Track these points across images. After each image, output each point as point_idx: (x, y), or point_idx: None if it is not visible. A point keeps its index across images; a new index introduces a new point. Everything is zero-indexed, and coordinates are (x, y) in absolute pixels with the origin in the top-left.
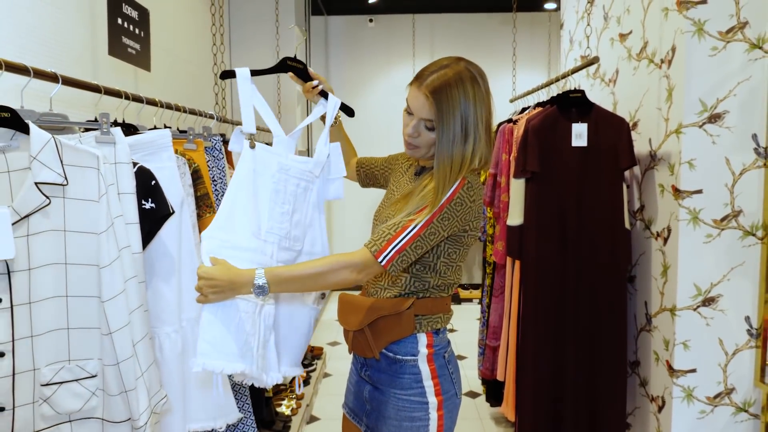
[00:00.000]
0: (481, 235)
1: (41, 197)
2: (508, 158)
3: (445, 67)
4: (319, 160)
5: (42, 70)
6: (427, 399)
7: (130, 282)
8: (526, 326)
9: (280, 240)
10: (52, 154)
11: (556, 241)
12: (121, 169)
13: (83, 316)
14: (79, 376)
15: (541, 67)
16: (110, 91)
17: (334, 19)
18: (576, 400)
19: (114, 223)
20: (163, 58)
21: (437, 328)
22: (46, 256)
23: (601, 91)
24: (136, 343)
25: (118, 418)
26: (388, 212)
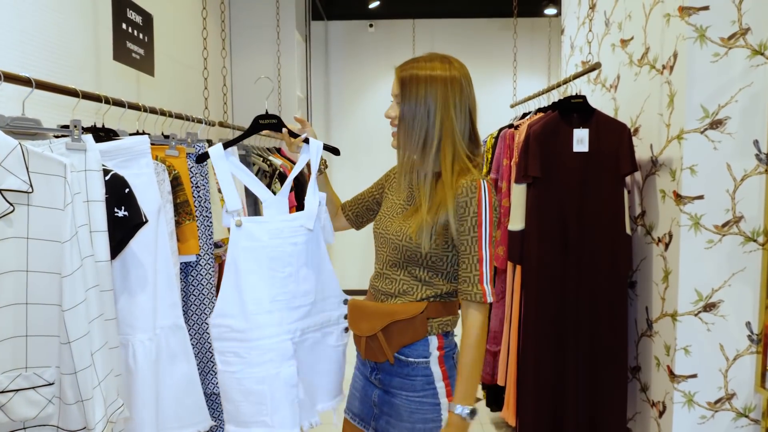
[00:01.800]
0: None
1: (5, 204)
2: (509, 163)
3: (426, 56)
4: (310, 213)
5: (14, 74)
6: (439, 400)
7: (91, 291)
8: (527, 331)
9: (287, 302)
10: (17, 161)
11: (557, 247)
12: (91, 177)
13: (43, 324)
14: (35, 384)
15: (541, 73)
16: (89, 95)
17: (335, 24)
18: (577, 405)
19: (78, 232)
20: (166, 63)
21: (447, 331)
22: (7, 263)
23: (602, 96)
24: (95, 352)
25: (73, 427)
26: (399, 224)
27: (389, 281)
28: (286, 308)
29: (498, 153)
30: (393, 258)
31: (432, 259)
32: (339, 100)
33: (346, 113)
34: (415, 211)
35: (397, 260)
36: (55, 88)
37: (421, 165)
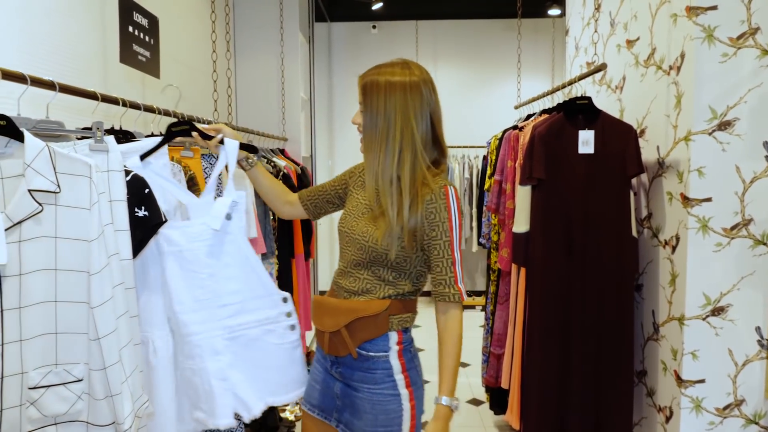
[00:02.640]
0: (485, 242)
1: (34, 204)
2: (513, 165)
3: (386, 65)
4: (215, 213)
5: (39, 78)
6: (399, 391)
7: (118, 288)
8: (531, 334)
9: (212, 301)
10: (45, 162)
11: (562, 249)
12: (113, 177)
13: (71, 321)
14: (65, 380)
15: (544, 74)
16: (108, 99)
17: (337, 26)
18: (582, 409)
19: (104, 230)
20: (171, 65)
21: (406, 327)
22: (37, 262)
23: (608, 97)
24: (122, 348)
25: (102, 422)
26: (365, 226)
27: (353, 279)
28: (212, 307)
29: (502, 155)
30: (358, 257)
31: (397, 260)
32: (342, 102)
33: (349, 114)
34: (381, 215)
35: (361, 260)
36: (77, 92)
37: (385, 171)
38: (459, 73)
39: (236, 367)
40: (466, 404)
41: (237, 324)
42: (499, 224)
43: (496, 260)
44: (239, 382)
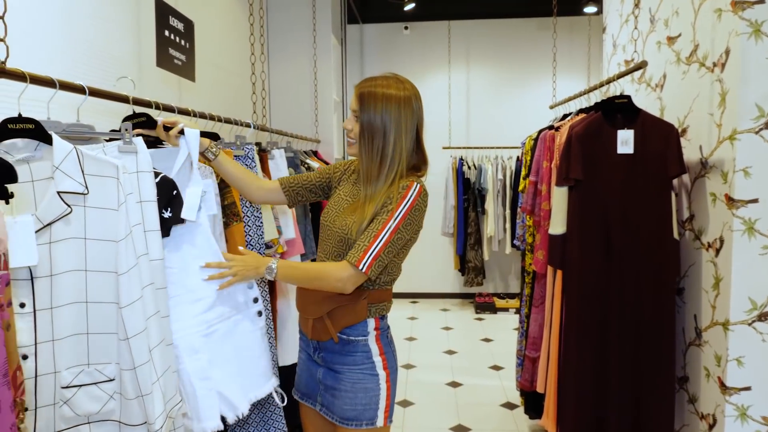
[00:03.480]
0: (520, 243)
1: (63, 206)
2: (549, 166)
3: (382, 78)
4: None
5: (68, 82)
6: (377, 372)
7: (147, 289)
8: (568, 338)
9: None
10: (73, 164)
11: (600, 251)
12: (143, 178)
13: (102, 322)
14: (97, 380)
15: (580, 73)
16: (140, 102)
17: (369, 27)
18: (621, 416)
19: (132, 231)
20: (206, 68)
21: (383, 314)
22: (67, 262)
23: (647, 96)
24: (152, 348)
25: (134, 422)
26: (343, 219)
27: None
28: (186, 302)
29: (537, 155)
30: (338, 249)
31: None
32: None
33: None
34: (358, 208)
35: (341, 251)
36: (108, 95)
37: (377, 177)
38: (492, 73)
39: (216, 364)
40: (500, 408)
41: (212, 318)
42: (534, 226)
43: (530, 262)
44: (221, 380)
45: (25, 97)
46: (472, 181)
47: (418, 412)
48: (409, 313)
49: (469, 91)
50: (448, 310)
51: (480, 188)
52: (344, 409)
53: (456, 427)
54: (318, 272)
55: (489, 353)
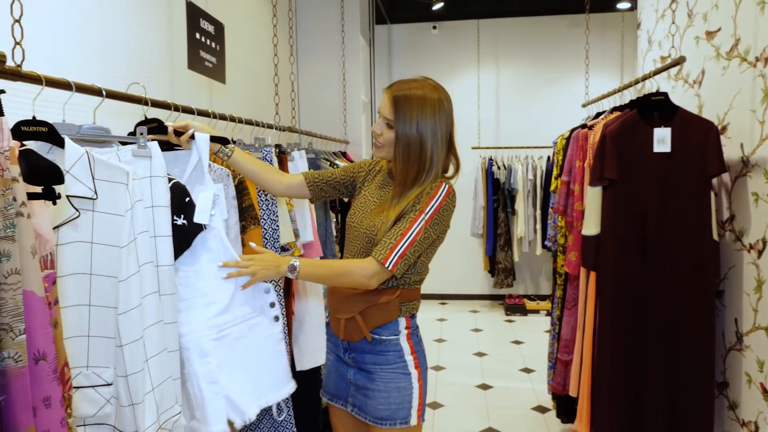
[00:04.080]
0: (551, 244)
1: (71, 209)
2: (582, 165)
3: (413, 82)
4: (202, 209)
5: (84, 84)
6: (410, 371)
7: (149, 297)
8: (602, 341)
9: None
10: (84, 168)
11: (635, 253)
12: (156, 183)
13: (103, 326)
14: (95, 383)
15: (612, 71)
16: (157, 103)
17: (398, 28)
18: (658, 421)
19: (137, 238)
20: (236, 70)
21: (413, 313)
22: (72, 265)
23: (685, 93)
24: (149, 358)
25: (128, 429)
26: (371, 220)
27: None
28: (199, 305)
29: (570, 155)
30: (365, 249)
31: None
32: None
33: None
34: (383, 209)
35: (368, 251)
36: (125, 97)
37: (413, 182)
38: (522, 72)
39: (225, 369)
40: (531, 412)
41: (224, 322)
42: (567, 227)
43: (562, 263)
44: (230, 384)
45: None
46: (502, 182)
47: (448, 415)
48: (438, 315)
49: (499, 90)
50: (477, 312)
51: (510, 189)
52: (378, 408)
53: (487, 430)
54: (343, 269)
55: (519, 355)
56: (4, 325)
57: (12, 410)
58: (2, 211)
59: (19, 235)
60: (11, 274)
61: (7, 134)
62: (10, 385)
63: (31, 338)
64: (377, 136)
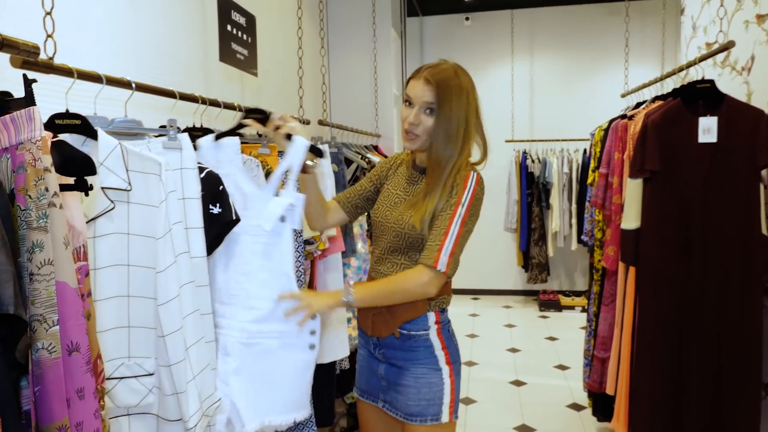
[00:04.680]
0: (588, 239)
1: (107, 201)
2: (621, 157)
3: (443, 64)
4: (270, 213)
5: (114, 77)
6: (440, 366)
7: (186, 287)
8: (642, 339)
9: (243, 301)
10: (117, 160)
11: (677, 248)
12: (187, 175)
13: (143, 316)
14: (137, 373)
15: (653, 61)
16: (185, 97)
17: (429, 20)
18: (699, 422)
19: (172, 229)
20: (268, 63)
21: (443, 308)
22: (110, 257)
23: (732, 80)
24: (189, 347)
25: (171, 417)
26: (400, 214)
27: (390, 264)
28: (240, 305)
29: (608, 146)
30: (394, 244)
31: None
32: None
33: None
34: (414, 204)
35: (398, 246)
36: (155, 90)
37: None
38: (557, 63)
39: (241, 375)
40: (566, 409)
41: (257, 331)
42: (604, 220)
43: (599, 259)
44: (239, 392)
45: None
46: (536, 175)
47: (480, 411)
48: (471, 310)
49: (533, 82)
50: (510, 308)
51: (544, 182)
52: (408, 404)
53: (520, 427)
54: (397, 285)
55: (554, 352)
56: (37, 316)
57: (46, 401)
58: (35, 202)
59: (52, 226)
60: (44, 264)
61: (39, 124)
62: (45, 376)
63: (65, 329)
64: (414, 126)
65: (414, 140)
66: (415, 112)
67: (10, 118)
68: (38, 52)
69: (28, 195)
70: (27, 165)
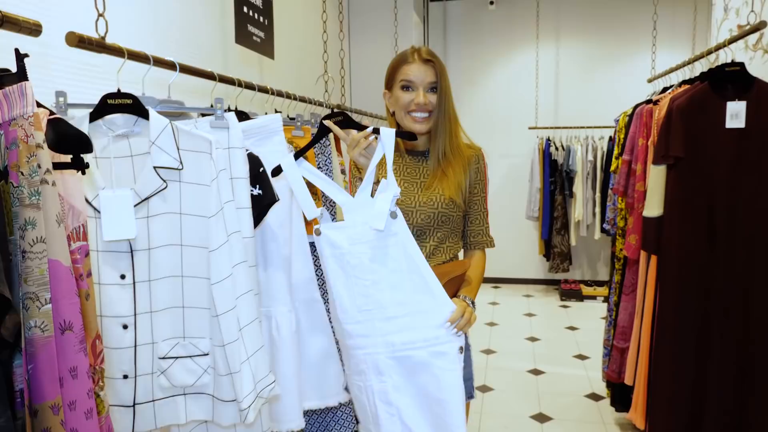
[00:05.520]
0: (610, 227)
1: (159, 181)
2: (645, 143)
3: (422, 46)
4: (379, 211)
5: (161, 58)
6: (469, 344)
7: (239, 267)
8: (662, 330)
9: (378, 312)
10: (169, 139)
11: (701, 236)
12: (235, 154)
13: (197, 296)
14: (192, 353)
15: (683, 47)
16: (224, 79)
17: (453, 5)
18: (720, 417)
19: (224, 208)
20: (285, 47)
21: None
22: (163, 237)
23: (764, 64)
24: (243, 327)
25: (226, 397)
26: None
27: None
28: (377, 319)
29: (632, 132)
30: (422, 226)
31: (456, 221)
32: (457, 83)
33: (464, 96)
34: (440, 181)
35: (427, 227)
36: (196, 72)
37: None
38: (583, 49)
39: (402, 393)
40: (584, 399)
41: (401, 342)
42: (627, 208)
43: (621, 247)
44: (406, 409)
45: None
46: (560, 163)
47: (498, 398)
48: (491, 298)
49: (558, 68)
50: (531, 297)
51: (568, 170)
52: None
53: (537, 416)
54: (482, 272)
55: (574, 342)
56: (30, 294)
57: (39, 380)
58: (27, 179)
59: (45, 203)
60: (36, 242)
61: (31, 100)
62: (37, 354)
63: (57, 308)
64: (423, 107)
65: (424, 122)
66: (422, 93)
67: (2, 93)
68: (40, 30)
69: (21, 172)
70: (19, 141)
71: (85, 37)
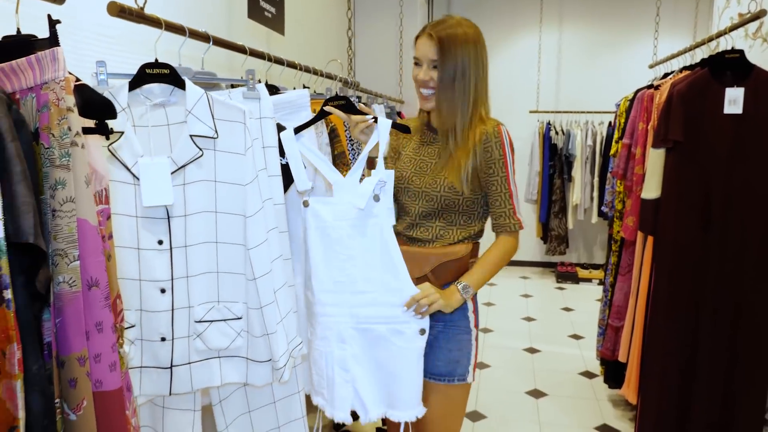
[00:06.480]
0: (608, 210)
1: (195, 149)
2: (645, 127)
3: (449, 19)
4: (362, 191)
5: (197, 30)
6: (471, 328)
7: (272, 232)
8: (656, 308)
9: (349, 286)
10: (204, 108)
11: (697, 220)
12: (266, 124)
13: (231, 262)
14: (226, 317)
15: (684, 35)
16: (255, 53)
17: None
18: (708, 396)
19: (258, 175)
20: (295, 24)
21: None
22: (199, 204)
23: (763, 52)
24: (277, 290)
25: (260, 358)
26: (431, 178)
27: (424, 229)
28: (347, 291)
29: (633, 116)
30: (428, 208)
31: (467, 203)
32: None
33: None
34: (445, 165)
35: (432, 210)
36: (228, 45)
37: (464, 121)
38: (586, 34)
39: (360, 362)
40: (578, 377)
41: (366, 316)
42: (625, 191)
43: (618, 230)
44: (360, 378)
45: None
46: (560, 147)
47: (494, 375)
48: None
49: (561, 52)
50: (528, 278)
51: (567, 154)
52: (437, 365)
53: (532, 392)
54: (502, 259)
55: (569, 322)
56: (59, 250)
57: (66, 333)
58: (58, 140)
59: (74, 164)
60: (66, 201)
61: (62, 65)
62: (65, 308)
63: (85, 265)
64: (426, 83)
65: (429, 99)
66: (424, 69)
67: (35, 58)
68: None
69: (52, 134)
70: (51, 104)
71: (126, 7)
